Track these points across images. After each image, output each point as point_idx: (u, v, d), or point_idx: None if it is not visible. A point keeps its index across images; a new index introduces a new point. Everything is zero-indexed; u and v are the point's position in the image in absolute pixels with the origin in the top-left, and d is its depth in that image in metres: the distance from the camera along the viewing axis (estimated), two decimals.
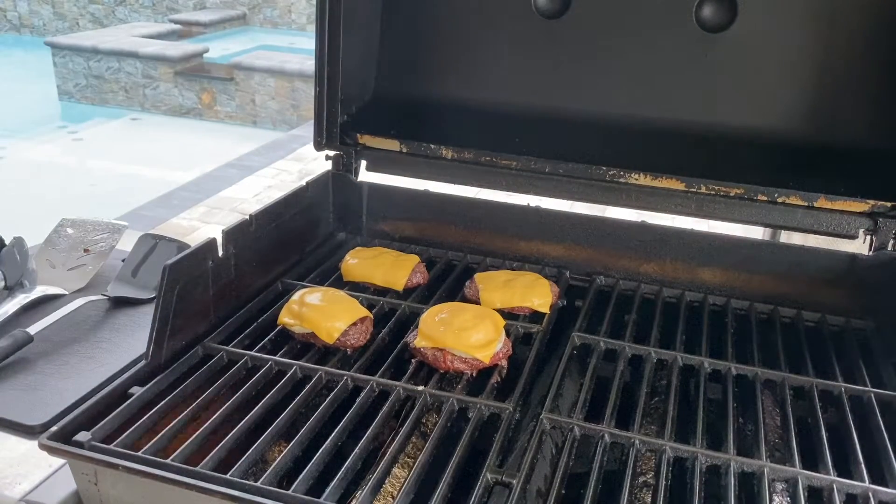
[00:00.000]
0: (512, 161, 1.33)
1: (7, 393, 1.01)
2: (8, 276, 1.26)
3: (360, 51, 1.41)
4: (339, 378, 1.00)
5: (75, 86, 7.85)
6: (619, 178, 1.28)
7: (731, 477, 0.85)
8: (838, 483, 0.85)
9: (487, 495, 0.82)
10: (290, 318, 1.09)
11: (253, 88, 7.32)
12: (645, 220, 1.33)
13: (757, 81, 1.25)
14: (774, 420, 1.01)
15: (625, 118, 1.32)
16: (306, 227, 1.37)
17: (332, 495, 0.80)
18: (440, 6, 1.41)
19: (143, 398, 0.92)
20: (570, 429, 0.92)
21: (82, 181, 5.98)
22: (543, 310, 1.18)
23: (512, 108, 1.39)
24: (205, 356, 1.04)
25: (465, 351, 1.01)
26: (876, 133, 1.22)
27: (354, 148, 1.41)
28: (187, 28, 9.68)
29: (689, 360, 1.08)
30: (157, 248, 1.34)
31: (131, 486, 0.82)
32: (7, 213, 4.67)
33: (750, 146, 1.27)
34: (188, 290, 1.02)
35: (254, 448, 0.85)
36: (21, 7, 11.04)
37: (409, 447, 0.94)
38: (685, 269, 1.29)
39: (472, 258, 1.38)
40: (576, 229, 1.34)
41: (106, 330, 1.17)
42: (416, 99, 1.46)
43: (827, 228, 1.20)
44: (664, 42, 1.28)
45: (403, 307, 1.19)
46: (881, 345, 1.15)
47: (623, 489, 0.83)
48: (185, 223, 4.41)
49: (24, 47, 10.29)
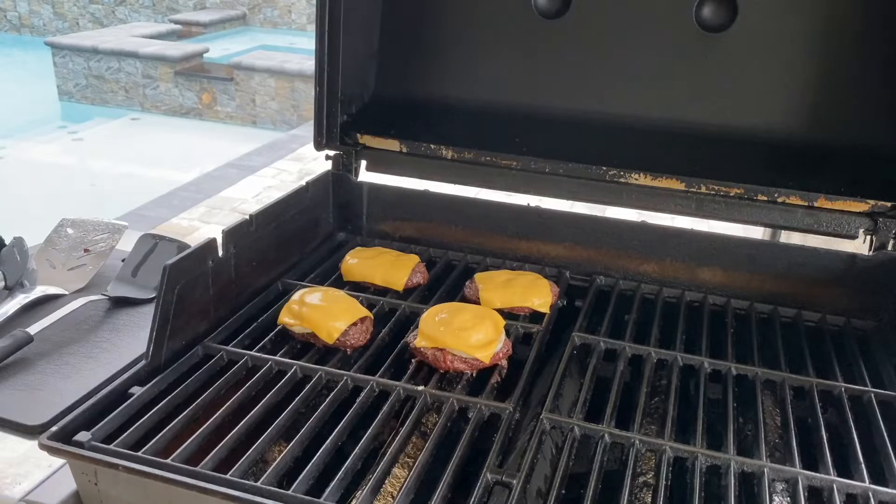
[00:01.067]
0: (512, 161, 1.33)
1: (7, 393, 1.01)
2: (8, 276, 1.26)
3: (360, 51, 1.41)
4: (339, 378, 1.00)
5: (75, 86, 7.85)
6: (619, 178, 1.28)
7: (731, 477, 0.85)
8: (838, 483, 0.85)
9: (487, 495, 0.82)
10: (290, 318, 1.09)
11: (253, 88, 7.33)
12: (645, 220, 1.33)
13: (757, 81, 1.25)
14: (774, 420, 1.01)
15: (625, 118, 1.32)
16: (306, 227, 1.37)
17: (332, 495, 0.80)
18: (440, 6, 1.41)
19: (143, 398, 0.92)
20: (570, 429, 0.92)
21: (82, 181, 5.98)
22: (543, 310, 1.18)
23: (512, 108, 1.39)
24: (205, 356, 1.04)
25: (465, 351, 1.01)
26: (876, 133, 1.22)
27: (354, 148, 1.41)
28: (187, 28, 9.68)
29: (689, 360, 1.08)
30: (157, 248, 1.34)
31: (131, 486, 0.82)
32: (7, 213, 4.67)
33: (750, 146, 1.27)
34: (188, 290, 1.02)
35: (254, 448, 0.85)
36: (21, 7, 11.04)
37: (409, 447, 0.94)
38: (685, 269, 1.29)
39: (472, 258, 1.38)
40: (576, 229, 1.34)
41: (106, 330, 1.17)
42: (416, 99, 1.46)
43: (827, 228, 1.20)
44: (664, 42, 1.28)
45: (403, 307, 1.19)
46: (881, 345, 1.15)
47: (623, 489, 0.83)
48: (185, 223, 4.41)
49: (24, 47, 10.29)
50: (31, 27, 11.09)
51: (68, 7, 10.86)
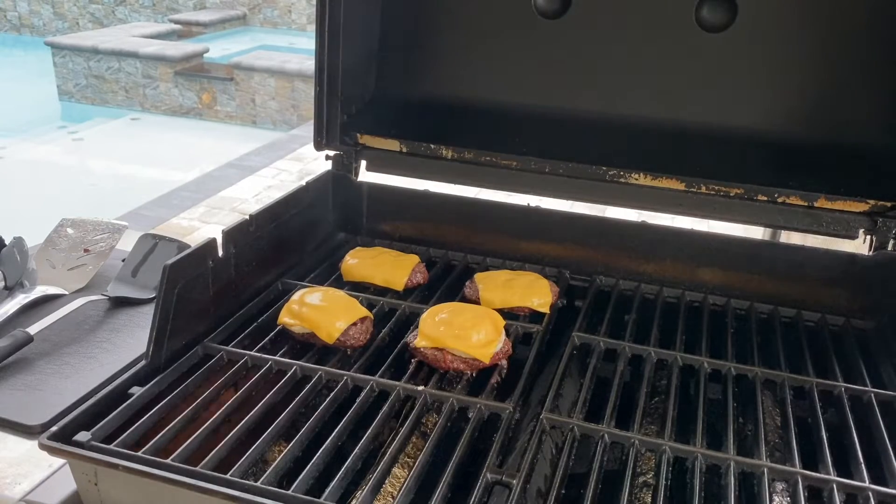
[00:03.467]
0: (512, 161, 1.33)
1: (7, 393, 1.01)
2: (8, 276, 1.26)
3: (360, 51, 1.41)
4: (338, 378, 1.00)
5: (75, 86, 7.85)
6: (619, 178, 1.28)
7: (731, 477, 0.85)
8: (838, 483, 0.85)
9: (487, 495, 0.82)
10: (290, 318, 1.09)
11: (253, 88, 7.33)
12: (645, 220, 1.33)
13: (757, 81, 1.25)
14: (774, 420, 1.01)
15: (625, 118, 1.32)
16: (306, 227, 1.37)
17: (332, 495, 0.80)
18: (440, 6, 1.41)
19: (143, 398, 0.92)
20: (570, 429, 0.92)
21: (82, 181, 5.98)
22: (543, 310, 1.18)
23: (512, 108, 1.39)
24: (205, 356, 1.04)
25: (465, 351, 1.01)
26: (876, 133, 1.22)
27: (354, 148, 1.41)
28: (187, 28, 9.68)
29: (689, 360, 1.08)
30: (157, 248, 1.34)
31: (131, 486, 0.82)
32: (7, 213, 4.67)
33: (750, 146, 1.27)
34: (188, 290, 1.02)
35: (254, 448, 0.85)
36: (21, 7, 11.04)
37: (409, 447, 0.94)
38: (685, 269, 1.29)
39: (472, 258, 1.38)
40: (576, 229, 1.34)
41: (106, 330, 1.17)
42: (416, 99, 1.46)
43: (827, 228, 1.20)
44: (664, 42, 1.28)
45: (403, 307, 1.19)
46: (881, 345, 1.15)
47: (623, 489, 0.83)
48: (185, 223, 4.41)
49: (24, 47, 10.29)
50: (31, 27, 11.09)
51: (68, 7, 10.86)
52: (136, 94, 7.72)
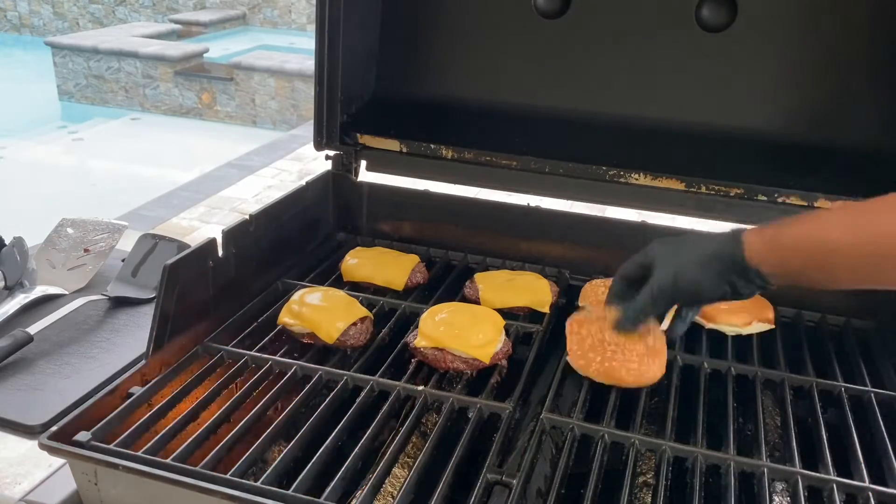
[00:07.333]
0: (512, 161, 1.33)
1: (7, 393, 1.01)
2: (8, 276, 1.26)
3: (360, 51, 1.41)
4: (338, 378, 1.00)
5: (75, 86, 7.85)
6: (619, 178, 1.28)
7: (731, 477, 0.85)
8: (838, 483, 0.85)
9: (487, 495, 0.82)
10: (290, 318, 1.09)
11: (253, 88, 7.32)
12: (645, 220, 1.33)
13: (757, 81, 1.25)
14: (774, 420, 1.01)
15: (625, 118, 1.32)
16: (306, 227, 1.37)
17: (332, 495, 0.80)
18: (440, 6, 1.41)
19: (143, 398, 0.92)
20: (570, 429, 0.92)
21: (82, 181, 5.98)
22: (543, 310, 1.18)
23: (512, 108, 1.39)
24: (205, 356, 1.04)
25: (465, 351, 1.01)
26: (876, 132, 1.22)
27: (354, 148, 1.41)
28: (187, 28, 9.67)
29: (689, 360, 1.08)
30: (157, 248, 1.34)
31: (131, 485, 0.82)
32: (7, 213, 4.67)
33: (750, 146, 1.27)
34: (188, 290, 1.02)
35: (254, 448, 0.85)
36: (21, 7, 11.03)
37: (409, 447, 0.94)
38: None
39: (472, 258, 1.38)
40: (576, 229, 1.34)
41: (106, 330, 1.17)
42: (416, 99, 1.46)
43: None
44: (664, 42, 1.28)
45: (403, 307, 1.19)
46: (881, 345, 1.15)
47: (623, 489, 0.83)
48: (185, 223, 4.41)
49: (24, 47, 10.28)
50: (31, 27, 11.08)
51: (68, 7, 10.86)
52: (136, 94, 7.71)
